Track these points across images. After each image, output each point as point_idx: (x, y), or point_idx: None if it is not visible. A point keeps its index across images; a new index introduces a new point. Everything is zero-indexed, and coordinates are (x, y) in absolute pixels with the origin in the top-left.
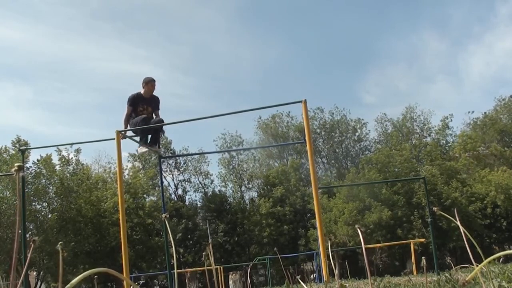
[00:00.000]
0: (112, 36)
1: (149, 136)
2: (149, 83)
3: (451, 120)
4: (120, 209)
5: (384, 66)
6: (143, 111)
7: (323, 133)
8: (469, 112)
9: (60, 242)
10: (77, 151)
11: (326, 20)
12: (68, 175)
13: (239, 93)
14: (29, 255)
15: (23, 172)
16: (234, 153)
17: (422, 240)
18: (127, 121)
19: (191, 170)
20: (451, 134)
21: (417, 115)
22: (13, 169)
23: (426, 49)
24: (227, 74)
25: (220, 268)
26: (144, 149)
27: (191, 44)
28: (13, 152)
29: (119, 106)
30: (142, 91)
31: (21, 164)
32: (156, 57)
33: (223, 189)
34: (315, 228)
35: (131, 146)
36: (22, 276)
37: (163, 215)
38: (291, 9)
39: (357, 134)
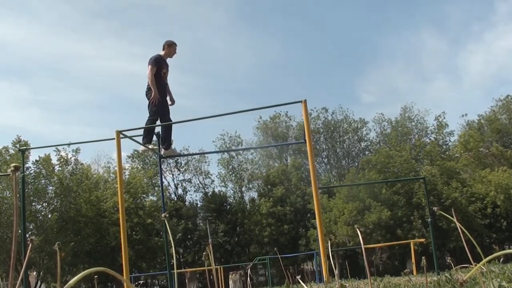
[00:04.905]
0: (109, 34)
1: (153, 135)
2: (172, 45)
3: (444, 117)
4: (120, 209)
5: (382, 65)
6: (164, 75)
7: (324, 133)
8: (462, 115)
9: (57, 242)
10: (76, 150)
11: (324, 18)
12: (67, 175)
13: (238, 92)
14: (27, 255)
15: (21, 172)
16: (233, 154)
17: (422, 240)
18: (154, 81)
19: (191, 170)
20: (448, 133)
21: (414, 114)
22: (9, 170)
23: (425, 48)
24: (226, 73)
25: (220, 268)
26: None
27: (188, 42)
28: (13, 152)
29: (117, 105)
30: (162, 53)
31: (18, 164)
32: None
33: (223, 189)
34: (315, 228)
35: (130, 146)
36: (20, 275)
37: (163, 215)
38: (289, 8)
39: (358, 134)
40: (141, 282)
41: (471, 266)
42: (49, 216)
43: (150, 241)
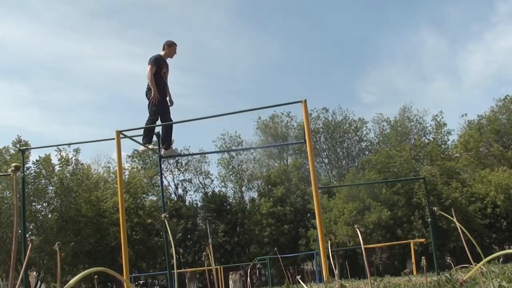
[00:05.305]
0: (109, 34)
1: (153, 136)
2: (172, 46)
3: (442, 117)
4: (120, 209)
5: (382, 65)
6: (164, 75)
7: (324, 133)
8: (462, 115)
9: (57, 242)
10: (76, 151)
11: (324, 18)
12: (68, 175)
13: (238, 92)
14: (27, 255)
15: (21, 172)
16: (233, 154)
17: (422, 240)
18: (153, 80)
19: (191, 170)
20: (447, 132)
21: (413, 114)
22: (9, 170)
23: (425, 47)
24: (226, 73)
25: (220, 268)
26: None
27: (188, 42)
28: (13, 152)
29: (117, 105)
30: (162, 53)
31: (18, 164)
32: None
33: (223, 189)
34: (315, 228)
35: (130, 146)
36: (20, 275)
37: (163, 215)
38: (289, 8)
39: (358, 134)
40: (141, 282)
41: (471, 266)
42: (49, 216)
43: (150, 241)
